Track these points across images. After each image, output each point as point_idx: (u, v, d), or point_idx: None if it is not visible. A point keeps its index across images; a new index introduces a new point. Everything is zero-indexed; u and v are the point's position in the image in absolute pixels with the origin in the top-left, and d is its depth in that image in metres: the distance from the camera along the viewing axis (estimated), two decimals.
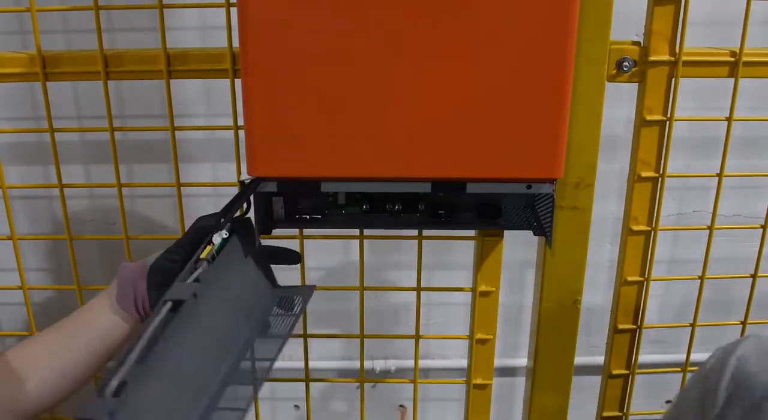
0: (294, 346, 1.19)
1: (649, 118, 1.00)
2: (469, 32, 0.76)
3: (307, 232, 1.05)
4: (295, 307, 0.86)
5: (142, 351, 0.62)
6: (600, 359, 1.21)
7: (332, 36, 0.77)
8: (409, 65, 0.77)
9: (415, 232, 1.04)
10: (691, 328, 1.16)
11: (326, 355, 1.77)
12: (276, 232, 0.94)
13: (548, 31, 0.76)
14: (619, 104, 1.27)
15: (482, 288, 1.08)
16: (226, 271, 0.80)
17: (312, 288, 0.88)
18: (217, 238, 0.78)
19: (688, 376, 1.19)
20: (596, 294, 1.62)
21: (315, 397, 1.82)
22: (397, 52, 0.77)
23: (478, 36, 0.76)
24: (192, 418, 0.70)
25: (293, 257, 0.90)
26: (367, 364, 1.78)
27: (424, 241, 1.05)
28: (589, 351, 1.71)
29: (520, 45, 0.76)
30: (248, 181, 0.85)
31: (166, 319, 0.66)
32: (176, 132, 1.03)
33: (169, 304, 0.68)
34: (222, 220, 0.80)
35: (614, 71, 0.96)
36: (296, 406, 1.85)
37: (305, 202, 0.94)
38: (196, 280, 0.73)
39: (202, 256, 0.76)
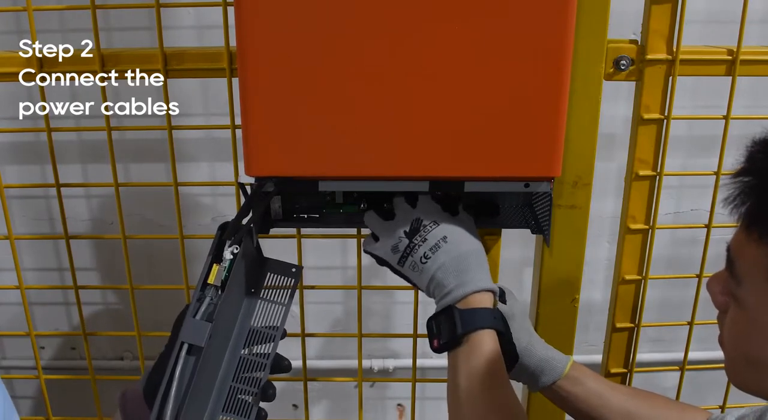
0: (292, 346, 1.19)
1: (646, 116, 1.00)
2: (467, 32, 0.76)
3: (304, 231, 1.05)
4: (285, 294, 0.86)
5: (174, 408, 0.71)
6: (598, 358, 1.21)
7: (330, 36, 0.76)
8: (407, 64, 0.77)
9: None
10: (689, 326, 1.16)
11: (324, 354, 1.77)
12: (274, 231, 0.94)
13: (546, 29, 0.76)
14: (616, 103, 1.28)
15: None
16: (232, 296, 0.80)
17: (299, 269, 0.88)
18: (228, 254, 0.78)
19: (686, 374, 1.19)
20: (594, 292, 1.62)
21: (313, 396, 1.82)
22: (394, 51, 0.77)
23: (475, 35, 0.76)
24: None
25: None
26: (365, 362, 1.78)
27: None
28: (588, 349, 1.71)
29: (518, 44, 0.76)
30: (250, 185, 0.85)
31: (185, 363, 0.72)
32: (173, 131, 1.03)
33: (186, 347, 0.72)
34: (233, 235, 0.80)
35: (612, 70, 0.96)
36: (294, 406, 1.85)
37: (303, 201, 0.94)
38: (210, 317, 0.74)
39: (210, 280, 0.76)
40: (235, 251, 0.79)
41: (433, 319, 0.83)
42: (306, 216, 0.95)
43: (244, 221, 0.83)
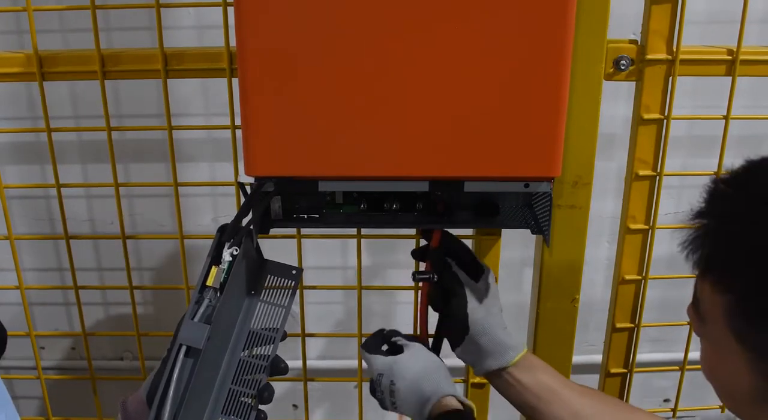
0: (291, 345, 1.19)
1: (646, 116, 1.00)
2: (467, 31, 0.76)
3: (304, 231, 1.05)
4: (285, 296, 0.86)
5: (171, 410, 0.70)
6: (598, 358, 1.21)
7: (330, 35, 0.76)
8: (406, 64, 0.77)
9: (412, 231, 1.04)
10: (689, 326, 1.16)
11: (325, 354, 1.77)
12: (273, 231, 0.94)
13: (545, 29, 0.76)
14: (616, 103, 1.28)
15: None
16: (231, 298, 0.80)
17: (299, 271, 0.88)
18: (227, 256, 0.78)
19: (686, 374, 1.19)
20: (594, 292, 1.62)
21: (314, 397, 1.82)
22: (393, 51, 0.77)
23: (475, 35, 0.76)
24: None
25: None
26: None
27: (421, 241, 1.05)
28: (588, 350, 1.71)
29: (518, 44, 0.76)
30: (250, 184, 0.85)
31: (183, 365, 0.72)
32: (173, 131, 1.03)
33: (184, 349, 0.72)
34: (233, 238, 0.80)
35: (612, 70, 0.96)
36: (294, 406, 1.85)
37: (303, 201, 0.94)
38: (208, 319, 0.74)
39: (209, 282, 0.76)
40: (235, 253, 0.78)
41: None
42: (306, 216, 0.95)
43: (244, 222, 0.83)
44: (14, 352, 1.78)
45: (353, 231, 1.03)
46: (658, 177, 1.03)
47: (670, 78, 0.98)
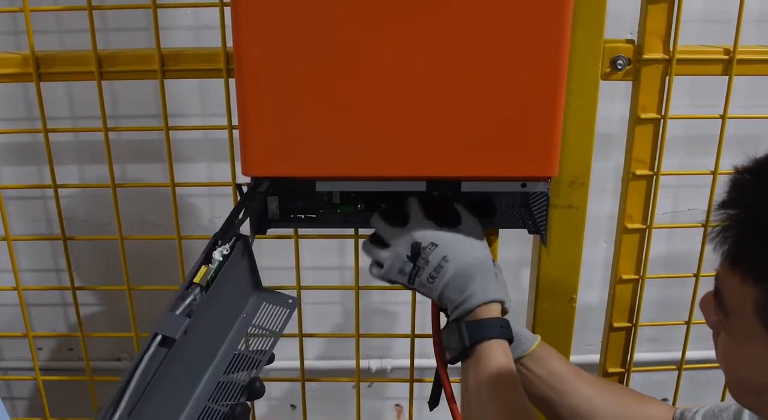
0: (289, 346, 1.19)
1: (643, 116, 1.00)
2: (463, 31, 0.76)
3: (301, 231, 1.05)
4: (278, 323, 0.86)
5: (133, 395, 0.70)
6: (595, 358, 1.21)
7: (326, 36, 0.76)
8: (403, 64, 0.77)
9: None
10: (686, 326, 1.16)
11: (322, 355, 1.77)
12: (271, 231, 0.94)
13: (542, 29, 0.76)
14: (613, 102, 1.28)
15: None
16: (218, 296, 0.80)
17: (295, 300, 0.87)
18: (217, 255, 0.78)
19: (684, 373, 1.19)
20: (591, 292, 1.62)
21: (312, 397, 1.82)
22: (390, 51, 0.77)
23: (472, 35, 0.76)
24: None
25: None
26: (363, 363, 1.78)
27: None
28: (585, 349, 1.71)
29: (514, 44, 0.76)
30: (247, 185, 0.85)
31: (155, 354, 0.71)
32: (170, 132, 1.03)
33: (159, 338, 0.71)
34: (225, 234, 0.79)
35: (608, 69, 0.96)
36: (292, 406, 1.85)
37: (300, 201, 0.94)
38: (189, 313, 0.74)
39: (196, 279, 0.76)
40: (225, 252, 0.78)
41: (444, 331, 0.84)
42: (303, 216, 0.95)
43: (243, 225, 0.83)
44: (11, 353, 1.79)
45: (350, 231, 1.03)
46: (655, 176, 1.03)
47: (667, 77, 0.98)
